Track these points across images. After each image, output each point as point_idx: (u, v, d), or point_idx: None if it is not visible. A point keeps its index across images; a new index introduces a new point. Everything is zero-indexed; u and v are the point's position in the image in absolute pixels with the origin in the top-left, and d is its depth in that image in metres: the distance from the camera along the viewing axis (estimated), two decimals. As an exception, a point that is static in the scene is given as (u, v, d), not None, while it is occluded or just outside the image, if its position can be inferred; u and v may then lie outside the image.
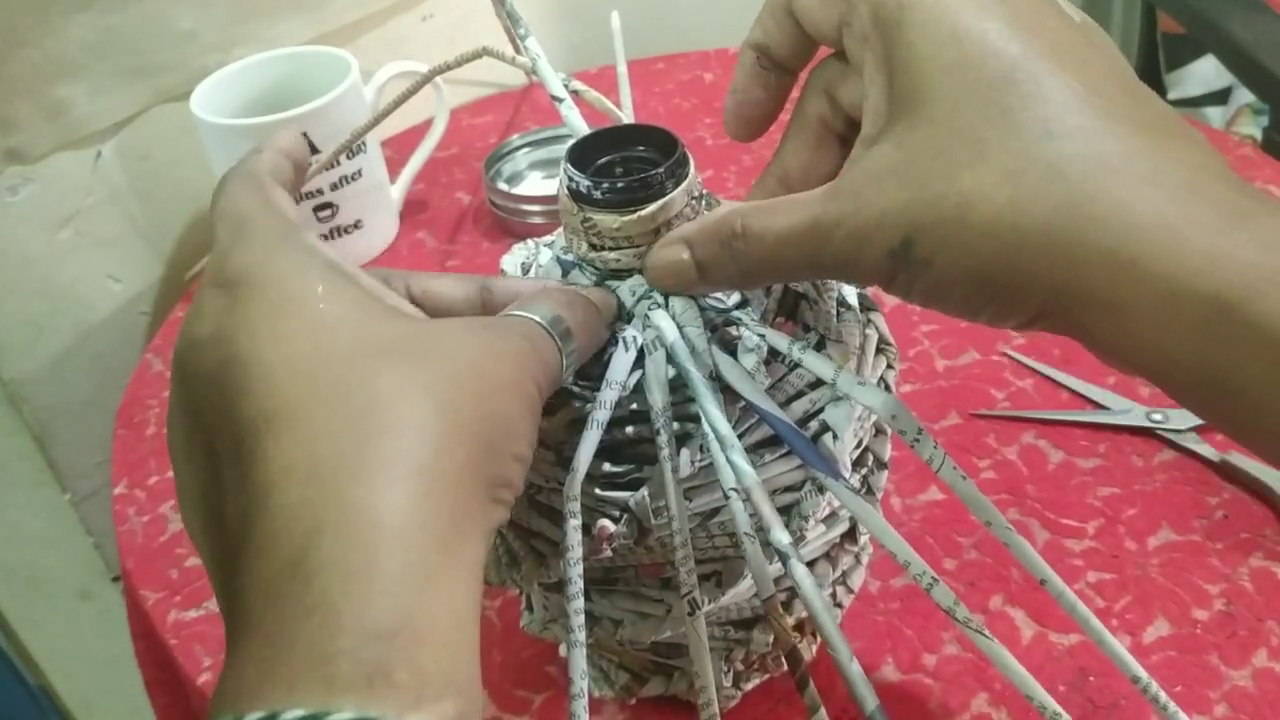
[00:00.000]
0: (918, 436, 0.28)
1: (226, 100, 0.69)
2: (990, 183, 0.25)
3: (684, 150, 0.33)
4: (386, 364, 0.24)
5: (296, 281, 0.26)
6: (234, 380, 0.24)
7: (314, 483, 0.22)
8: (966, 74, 0.25)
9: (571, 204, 0.33)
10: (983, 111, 0.25)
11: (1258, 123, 1.12)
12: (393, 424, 0.23)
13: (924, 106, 0.26)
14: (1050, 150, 0.24)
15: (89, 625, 0.81)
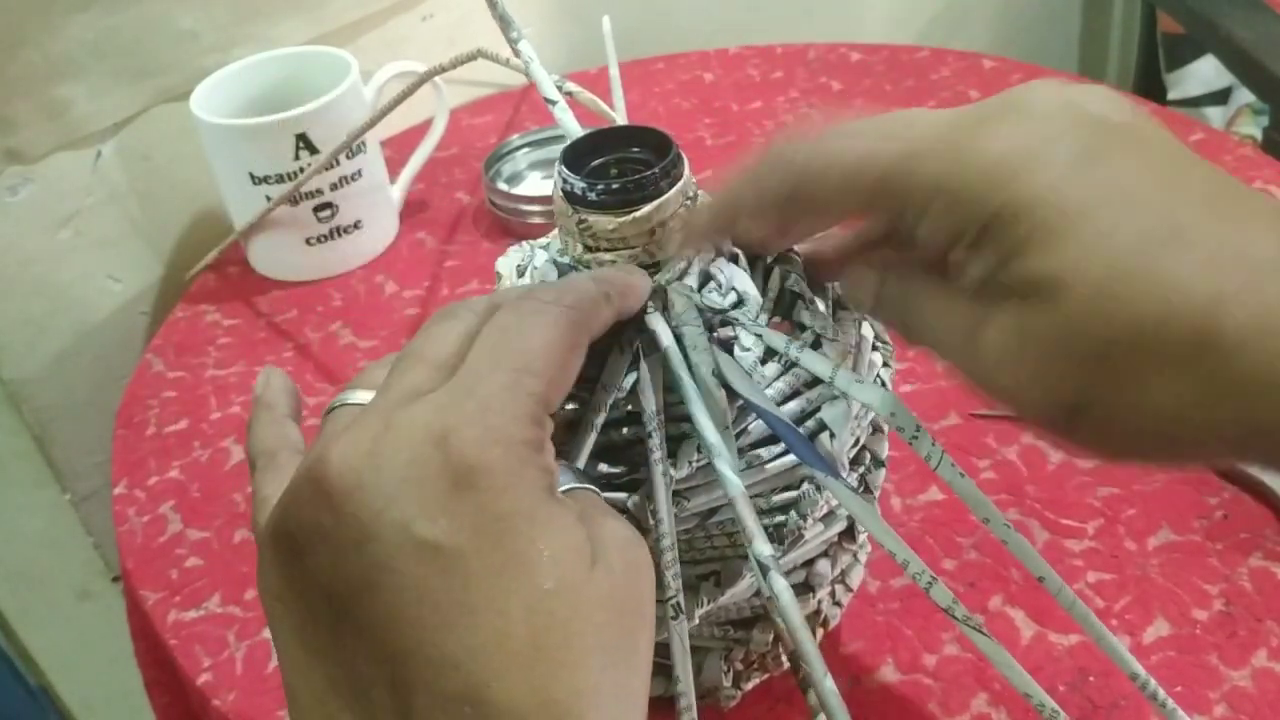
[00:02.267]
0: (916, 434, 0.28)
1: (226, 100, 0.69)
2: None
3: (678, 151, 0.33)
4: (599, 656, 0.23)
5: (523, 537, 0.23)
6: (429, 620, 0.22)
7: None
8: (1116, 241, 0.24)
9: (566, 206, 0.33)
10: (1142, 284, 0.24)
11: (1258, 123, 1.12)
12: None
13: (1070, 275, 0.25)
14: None
15: (89, 625, 0.81)
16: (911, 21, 1.23)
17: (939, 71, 0.85)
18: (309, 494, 0.23)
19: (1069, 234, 0.24)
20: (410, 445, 0.23)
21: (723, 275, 0.34)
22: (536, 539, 0.23)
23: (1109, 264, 0.24)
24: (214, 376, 0.65)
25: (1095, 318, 0.24)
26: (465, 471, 0.23)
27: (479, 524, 0.22)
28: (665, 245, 0.33)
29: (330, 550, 0.23)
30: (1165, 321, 0.23)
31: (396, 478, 0.23)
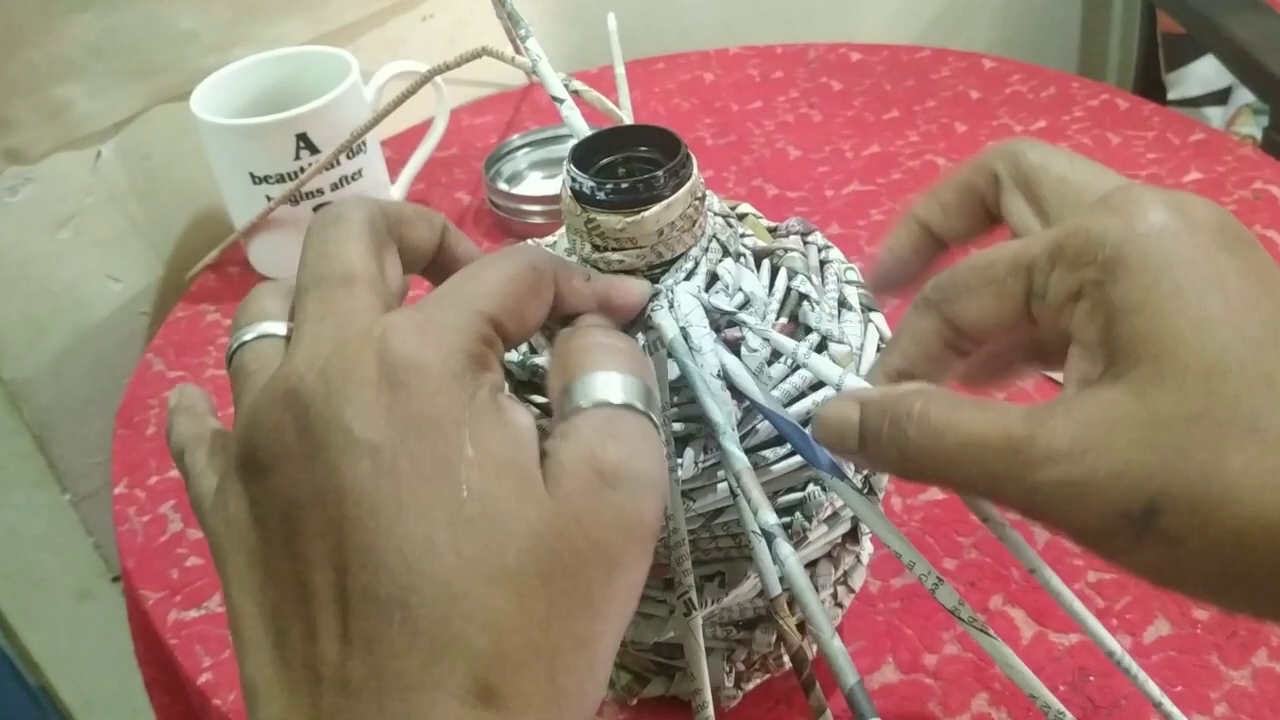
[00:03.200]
0: None
1: (226, 100, 0.69)
2: (1270, 467, 0.22)
3: (687, 151, 0.33)
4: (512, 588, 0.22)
5: (455, 443, 0.23)
6: (369, 528, 0.22)
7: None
8: (1219, 332, 0.23)
9: (575, 205, 0.33)
10: (1247, 379, 0.23)
11: (1258, 123, 1.12)
12: None
13: (1169, 360, 0.23)
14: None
15: (89, 625, 0.81)
16: (911, 21, 1.23)
17: (939, 71, 0.85)
18: (271, 415, 0.24)
19: (1184, 313, 0.23)
20: (357, 355, 0.23)
21: (730, 276, 0.34)
22: (464, 444, 0.23)
23: (1220, 350, 0.23)
24: (214, 376, 0.65)
25: (1195, 403, 0.23)
26: (401, 373, 0.23)
27: (410, 424, 0.23)
28: (672, 244, 0.33)
29: (291, 464, 0.23)
30: (1265, 413, 0.22)
31: (342, 385, 0.23)
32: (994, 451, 0.25)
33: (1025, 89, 0.81)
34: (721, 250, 0.35)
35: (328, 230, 0.27)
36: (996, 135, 0.76)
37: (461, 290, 0.26)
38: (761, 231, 0.40)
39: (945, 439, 0.25)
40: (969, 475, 0.25)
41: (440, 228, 0.30)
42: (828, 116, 0.81)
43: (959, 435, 0.25)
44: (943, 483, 0.26)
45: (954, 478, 0.26)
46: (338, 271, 0.26)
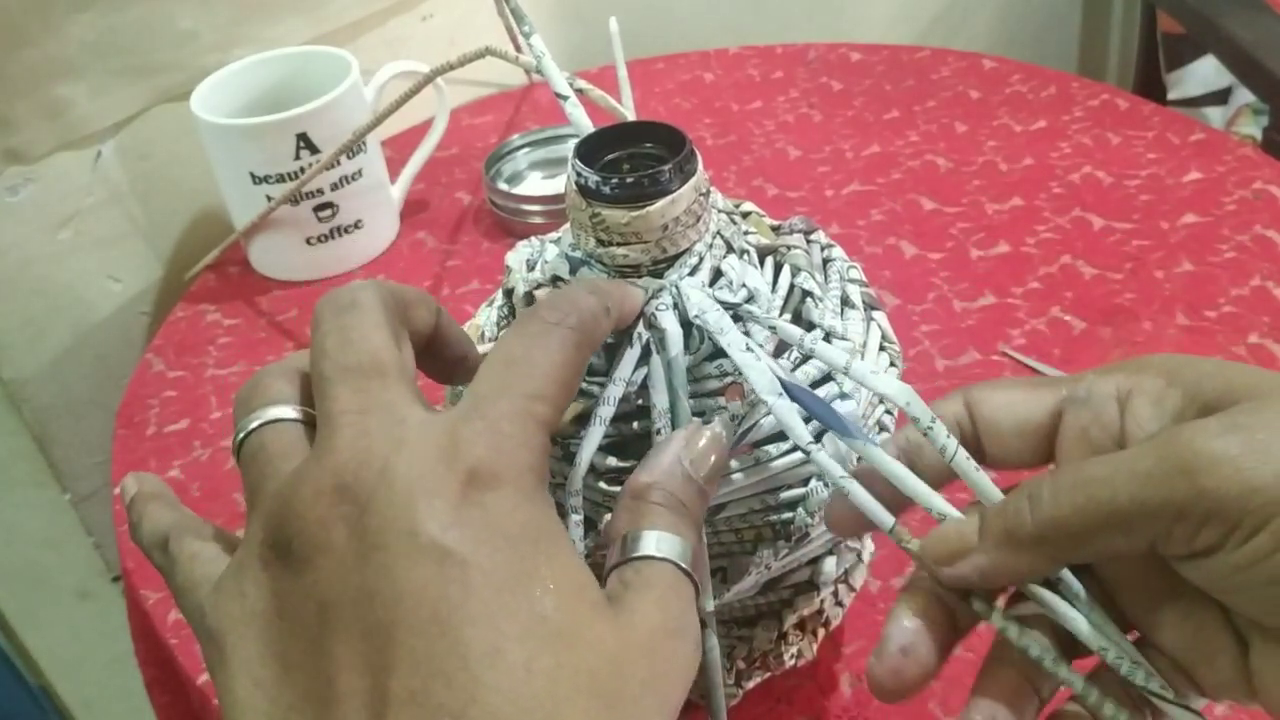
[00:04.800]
0: (931, 425, 0.28)
1: (226, 100, 0.69)
2: None
3: (691, 147, 0.33)
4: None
5: (531, 562, 0.23)
6: (434, 629, 0.22)
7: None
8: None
9: (580, 199, 0.33)
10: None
11: (1258, 123, 1.13)
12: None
13: (1273, 388, 0.24)
14: None
15: (89, 625, 0.81)
16: (911, 21, 1.23)
17: (939, 71, 0.85)
18: (314, 508, 0.23)
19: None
20: (423, 459, 0.23)
21: (734, 272, 0.34)
22: (540, 564, 0.23)
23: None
24: (214, 376, 0.65)
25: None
26: (477, 486, 0.23)
27: (486, 537, 0.22)
28: (676, 239, 0.33)
29: (334, 560, 0.22)
30: None
31: (409, 490, 0.23)
32: (1143, 450, 0.24)
33: (1025, 89, 0.81)
34: (725, 246, 0.35)
35: (345, 317, 0.26)
36: (996, 135, 0.76)
37: (518, 390, 0.25)
38: (765, 229, 0.40)
39: (1085, 466, 0.24)
40: (1118, 486, 0.24)
41: (436, 310, 0.29)
42: (828, 116, 0.81)
43: (1099, 459, 0.24)
44: (1085, 523, 0.24)
45: (1100, 500, 0.24)
46: (366, 361, 0.25)
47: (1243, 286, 0.61)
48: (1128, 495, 0.24)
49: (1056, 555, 0.26)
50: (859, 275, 0.40)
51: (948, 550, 0.27)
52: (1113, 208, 0.68)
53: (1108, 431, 0.27)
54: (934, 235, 0.68)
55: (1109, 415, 0.27)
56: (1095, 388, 0.27)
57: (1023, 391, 0.28)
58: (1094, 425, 0.27)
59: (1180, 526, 0.23)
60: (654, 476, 0.28)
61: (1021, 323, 0.61)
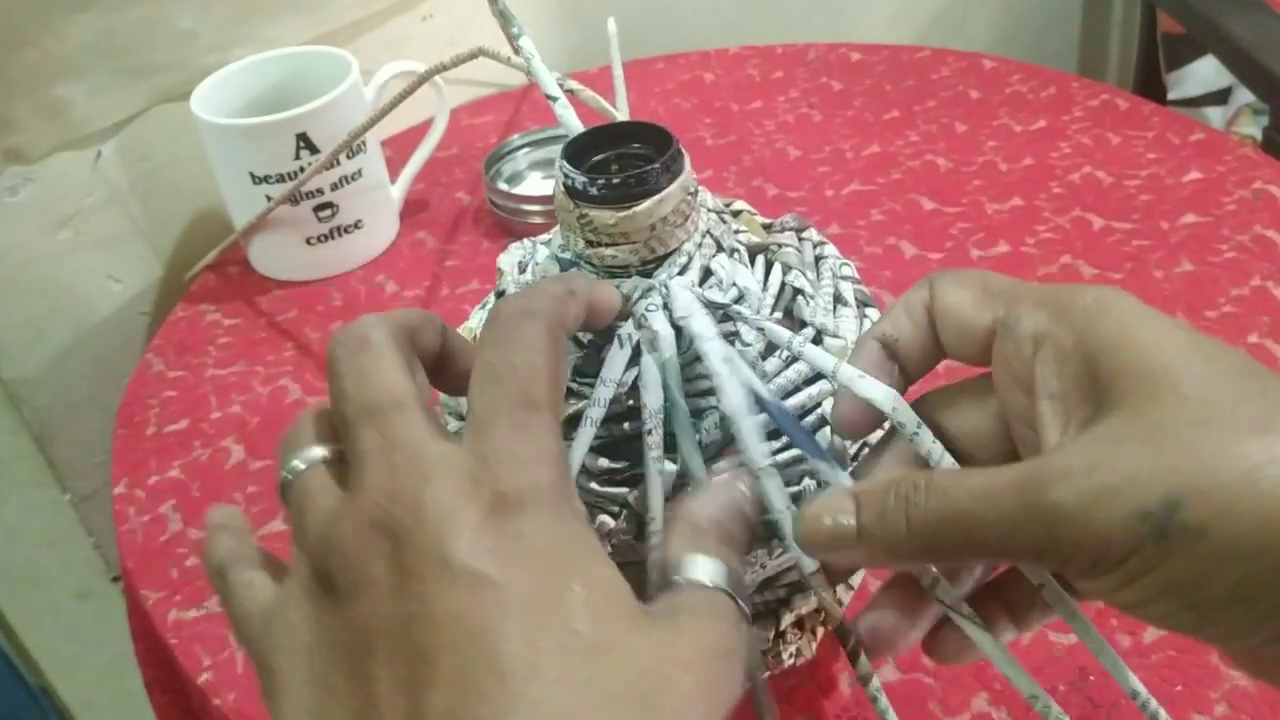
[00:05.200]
0: (917, 430, 0.28)
1: (226, 100, 0.69)
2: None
3: (678, 146, 0.33)
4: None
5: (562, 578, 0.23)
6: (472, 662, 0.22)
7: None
8: (1207, 355, 0.24)
9: (568, 201, 0.33)
10: (1243, 390, 0.24)
11: (1258, 123, 1.12)
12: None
13: (1161, 381, 0.24)
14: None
15: (89, 625, 0.81)
16: (911, 21, 1.23)
17: (939, 71, 0.85)
18: (354, 544, 0.24)
19: (1167, 345, 0.25)
20: (449, 492, 0.24)
21: (724, 271, 0.34)
22: (572, 578, 0.23)
23: (1206, 373, 0.24)
24: (214, 376, 0.65)
25: (1197, 411, 0.24)
26: (502, 510, 0.24)
27: (515, 558, 0.23)
28: (665, 239, 0.33)
29: (374, 592, 0.23)
30: (1269, 417, 0.23)
31: (439, 522, 0.23)
32: (1006, 488, 0.25)
33: (1025, 89, 0.81)
34: (715, 245, 0.35)
35: (358, 357, 0.27)
36: (996, 135, 0.76)
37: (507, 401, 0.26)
38: (756, 228, 0.40)
39: (955, 495, 0.25)
40: (983, 525, 0.25)
41: (440, 329, 0.30)
42: (828, 116, 0.81)
43: (969, 487, 0.25)
44: (952, 547, 0.26)
45: (970, 531, 0.25)
46: (384, 399, 0.26)
47: (1243, 286, 0.61)
48: (995, 534, 0.25)
49: (930, 561, 0.28)
50: (852, 272, 0.40)
51: (824, 538, 0.28)
52: (1113, 208, 0.68)
53: (1025, 369, 0.27)
54: (934, 235, 0.68)
55: (1026, 353, 0.27)
56: (1021, 322, 0.27)
57: (971, 295, 0.29)
58: (1015, 358, 0.28)
59: (1044, 562, 0.25)
60: (711, 508, 0.28)
61: (1021, 323, 0.61)
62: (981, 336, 0.29)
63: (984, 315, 0.28)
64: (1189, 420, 0.23)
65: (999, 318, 0.28)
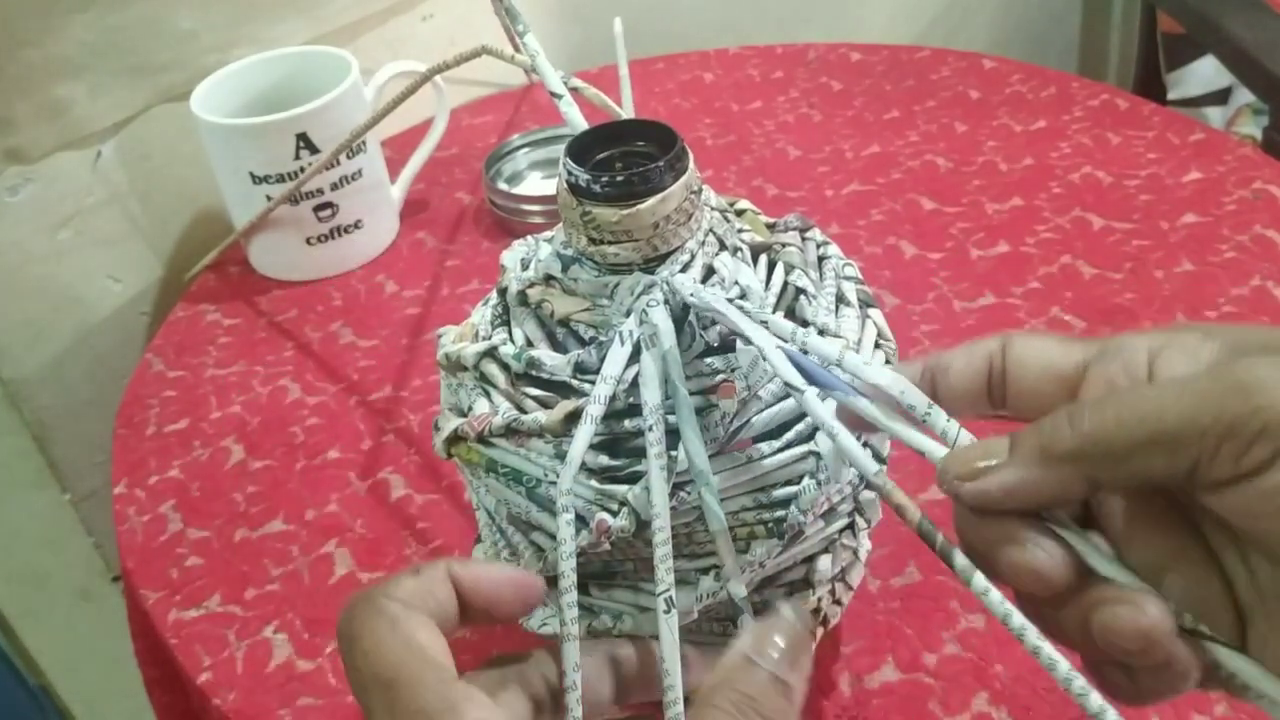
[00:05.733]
0: (928, 411, 0.28)
1: (226, 100, 0.69)
2: None
3: (682, 145, 0.33)
4: None
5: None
6: None
7: None
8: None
9: (571, 198, 0.33)
10: None
11: (1258, 123, 1.12)
12: None
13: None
14: None
15: (89, 625, 0.81)
16: (911, 21, 1.23)
17: (939, 71, 0.85)
18: None
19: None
20: None
21: (726, 270, 0.34)
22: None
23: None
24: (214, 376, 0.65)
25: None
26: None
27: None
28: (668, 238, 0.33)
29: None
30: None
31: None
32: (1201, 390, 0.23)
33: (1025, 89, 0.81)
34: (718, 244, 0.35)
35: (366, 634, 0.28)
36: (996, 135, 0.76)
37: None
38: (759, 227, 0.40)
39: (1139, 403, 0.24)
40: (1166, 402, 0.24)
41: (450, 577, 0.29)
42: (828, 116, 0.81)
43: (1150, 392, 0.24)
44: (1127, 439, 0.24)
45: (1145, 415, 0.24)
46: (390, 674, 0.27)
47: (1243, 286, 0.61)
48: (1178, 412, 0.23)
49: (1092, 474, 0.25)
50: (854, 272, 0.40)
51: (971, 464, 0.26)
52: (1113, 208, 0.68)
53: (1135, 384, 0.26)
54: (934, 235, 0.68)
55: (1138, 365, 0.26)
56: (1127, 345, 0.27)
57: (1057, 341, 0.28)
58: (1121, 375, 0.26)
59: (1229, 444, 0.23)
60: (718, 677, 0.28)
61: (1021, 323, 0.61)
62: (1069, 376, 0.27)
63: (1075, 354, 0.28)
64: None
65: (1096, 351, 0.27)
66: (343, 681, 0.47)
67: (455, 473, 0.56)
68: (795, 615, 0.28)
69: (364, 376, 0.63)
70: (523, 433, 0.34)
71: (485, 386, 0.36)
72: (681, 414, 0.31)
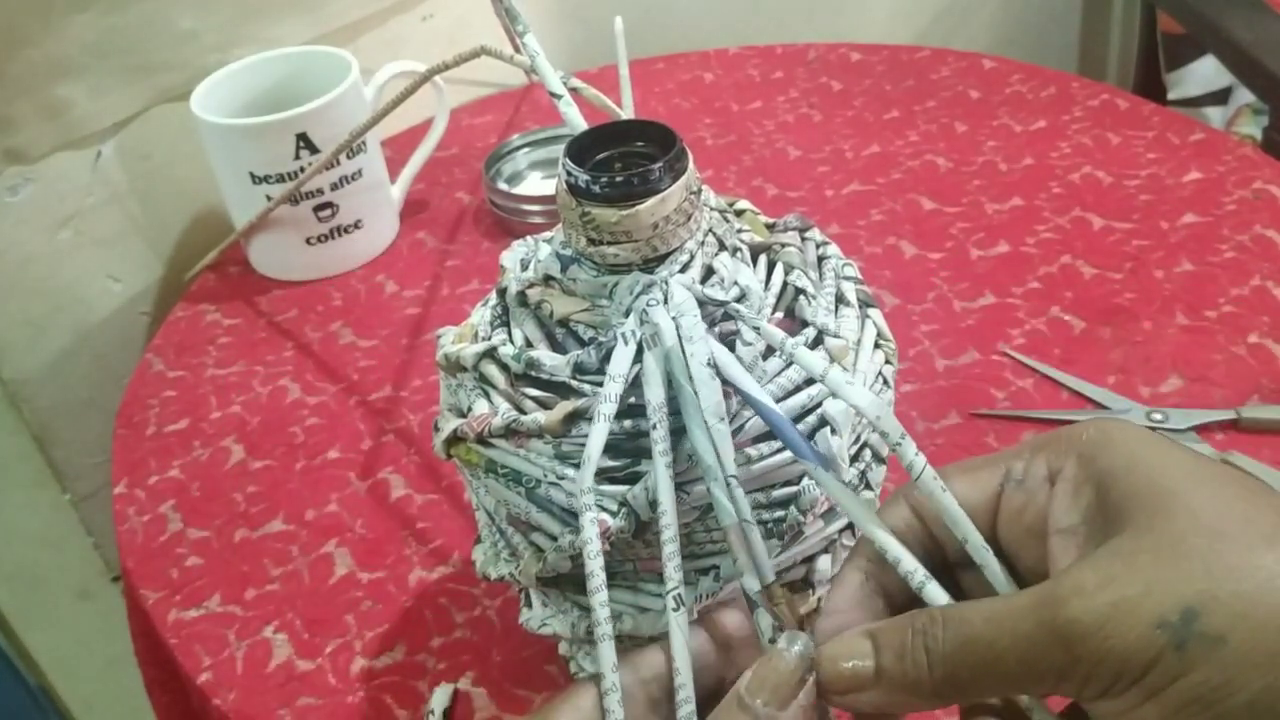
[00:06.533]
0: (899, 441, 0.28)
1: (226, 100, 0.69)
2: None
3: (682, 145, 0.33)
4: None
5: None
6: None
7: None
8: (1213, 475, 0.25)
9: (570, 199, 0.33)
10: (1252, 506, 0.24)
11: (1258, 123, 1.12)
12: None
13: (1173, 502, 0.24)
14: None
15: (89, 625, 0.81)
16: (911, 21, 1.23)
17: (939, 71, 0.85)
18: None
19: (1175, 469, 0.25)
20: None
21: (726, 270, 0.34)
22: None
23: (1216, 494, 0.25)
24: (214, 376, 0.65)
25: (1211, 524, 0.24)
26: None
27: None
28: (667, 238, 0.33)
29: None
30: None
31: None
32: (1022, 610, 0.25)
33: (1025, 89, 0.81)
34: (718, 245, 0.35)
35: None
36: (996, 135, 0.76)
37: None
38: (759, 227, 0.40)
39: (972, 622, 0.25)
40: (1003, 651, 0.25)
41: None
42: (828, 116, 0.81)
43: (985, 613, 0.25)
44: (973, 680, 0.25)
45: (988, 662, 0.25)
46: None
47: (1243, 286, 0.61)
48: (1014, 658, 0.25)
49: (952, 700, 0.27)
50: (854, 273, 0.40)
51: (844, 683, 0.27)
52: (1113, 208, 0.68)
53: (1039, 514, 0.28)
54: (934, 235, 0.68)
55: (1040, 499, 0.28)
56: (1030, 470, 0.28)
57: (964, 480, 0.29)
58: (1028, 508, 0.28)
59: (1065, 686, 0.24)
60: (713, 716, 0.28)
61: (1021, 323, 0.61)
62: (987, 510, 0.29)
63: (986, 486, 0.29)
64: (1202, 533, 0.24)
65: (1005, 475, 0.29)
66: (342, 681, 0.47)
67: (455, 473, 0.56)
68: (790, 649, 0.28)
69: (364, 376, 0.63)
70: (522, 433, 0.34)
71: (485, 387, 0.36)
72: (687, 410, 0.31)
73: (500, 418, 0.35)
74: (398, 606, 0.50)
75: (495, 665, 0.47)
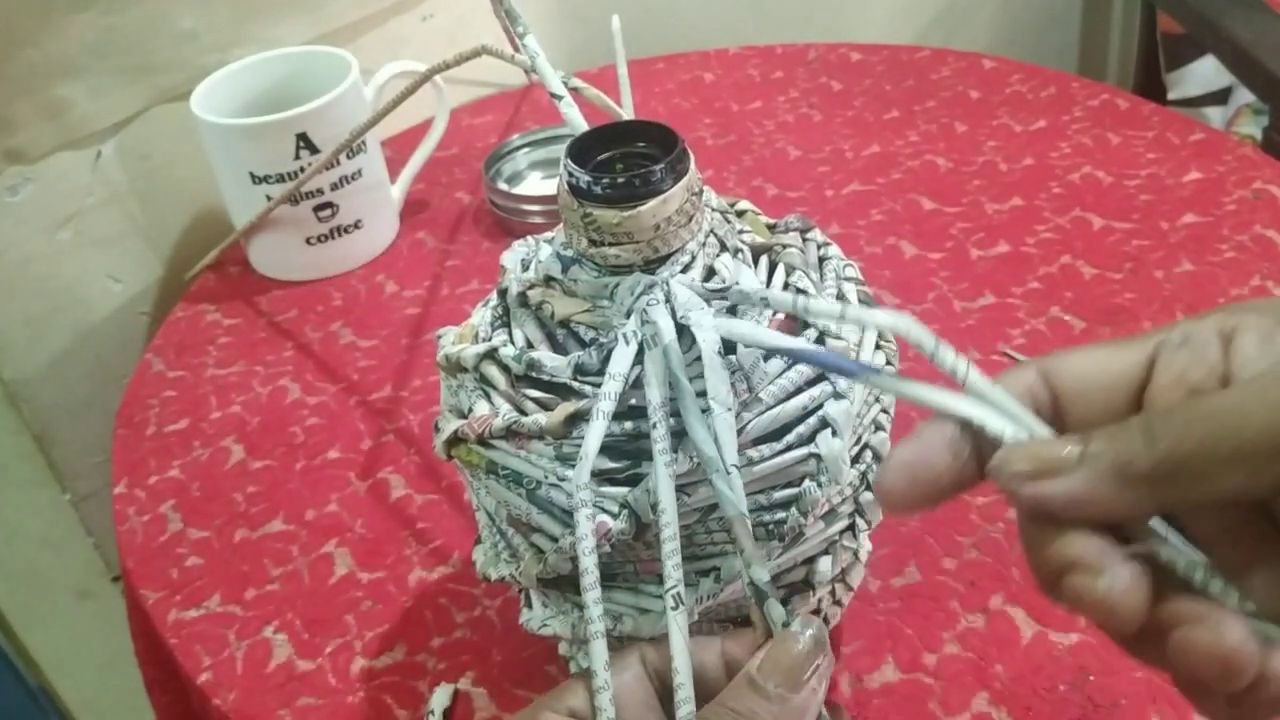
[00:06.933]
0: (934, 351, 0.27)
1: (226, 100, 0.69)
2: None
3: (683, 146, 0.33)
4: None
5: None
6: None
7: None
8: None
9: (572, 200, 0.33)
10: None
11: (1258, 123, 1.12)
12: None
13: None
14: None
15: (89, 625, 0.81)
16: (911, 21, 1.23)
17: (939, 71, 0.85)
18: None
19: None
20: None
21: (727, 271, 0.34)
22: None
23: None
24: (214, 376, 0.65)
25: None
26: None
27: None
28: (669, 239, 0.33)
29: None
30: None
31: None
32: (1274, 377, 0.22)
33: (1025, 89, 0.81)
34: (719, 245, 0.35)
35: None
36: (996, 135, 0.76)
37: None
38: (760, 228, 0.40)
39: (1219, 418, 0.22)
40: (1254, 445, 0.21)
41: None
42: (828, 116, 0.81)
43: (1229, 403, 0.22)
44: (1207, 454, 0.22)
45: (1230, 429, 0.22)
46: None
47: (1243, 286, 0.61)
48: (1262, 424, 0.21)
49: (1166, 496, 0.23)
50: (855, 273, 0.40)
51: (1035, 463, 0.24)
52: (1113, 208, 0.68)
53: (1211, 373, 0.24)
54: (934, 235, 0.68)
55: (1211, 355, 0.24)
56: (1193, 331, 0.25)
57: (1107, 349, 0.26)
58: (1194, 367, 0.24)
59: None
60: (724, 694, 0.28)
61: (1021, 323, 0.61)
62: (1135, 379, 0.25)
63: (1134, 355, 0.25)
64: None
65: (1159, 342, 0.25)
66: (342, 681, 0.47)
67: (455, 473, 0.56)
68: (803, 632, 0.28)
69: (364, 376, 0.63)
70: (523, 434, 0.34)
71: (485, 388, 0.36)
72: (687, 407, 0.31)
73: (501, 419, 0.35)
74: (398, 606, 0.50)
75: (495, 665, 0.47)
